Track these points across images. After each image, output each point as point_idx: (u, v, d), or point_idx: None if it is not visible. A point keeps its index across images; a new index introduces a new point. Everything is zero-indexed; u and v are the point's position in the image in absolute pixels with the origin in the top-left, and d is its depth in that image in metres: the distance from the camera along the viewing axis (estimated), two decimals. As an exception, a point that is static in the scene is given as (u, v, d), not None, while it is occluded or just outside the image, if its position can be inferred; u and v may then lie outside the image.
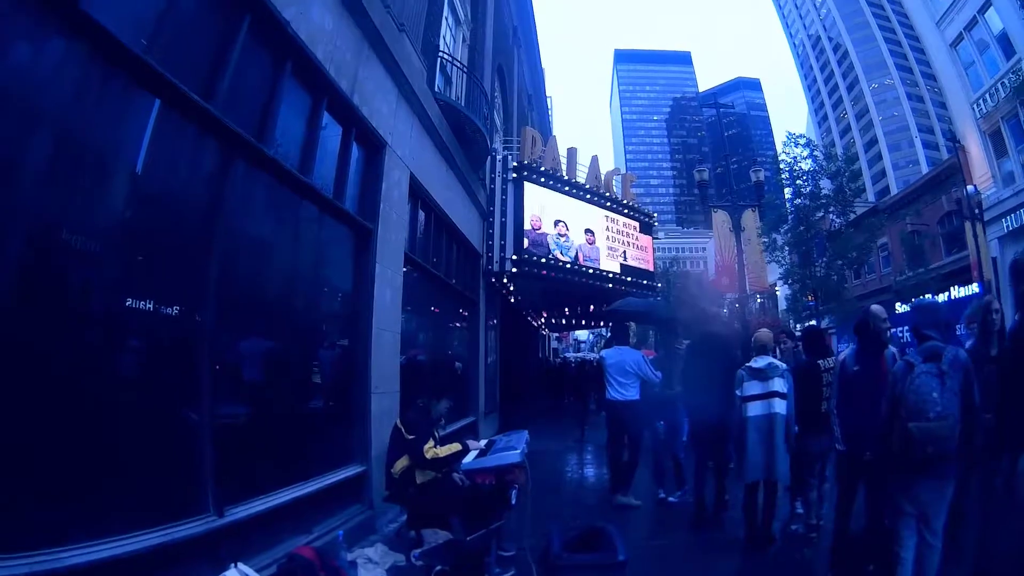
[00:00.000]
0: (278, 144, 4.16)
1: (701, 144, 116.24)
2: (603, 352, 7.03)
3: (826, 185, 22.83)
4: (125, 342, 2.86)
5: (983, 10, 19.28)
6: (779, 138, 25.24)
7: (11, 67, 2.28)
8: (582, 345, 46.56)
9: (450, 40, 10.61)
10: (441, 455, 3.93)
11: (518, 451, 4.16)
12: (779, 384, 4.68)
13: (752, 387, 4.74)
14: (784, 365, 4.90)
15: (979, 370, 3.40)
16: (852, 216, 23.62)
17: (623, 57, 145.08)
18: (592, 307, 16.56)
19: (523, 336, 16.75)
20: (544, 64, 25.14)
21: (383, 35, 5.64)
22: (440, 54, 8.95)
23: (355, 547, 4.14)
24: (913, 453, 2.97)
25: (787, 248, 23.60)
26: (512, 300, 13.37)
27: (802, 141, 23.16)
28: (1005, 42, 18.36)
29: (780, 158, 24.54)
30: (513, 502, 5.06)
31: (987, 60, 19.61)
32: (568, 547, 4.47)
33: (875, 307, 4.24)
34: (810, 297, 23.35)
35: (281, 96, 4.18)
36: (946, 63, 21.70)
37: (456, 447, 4.06)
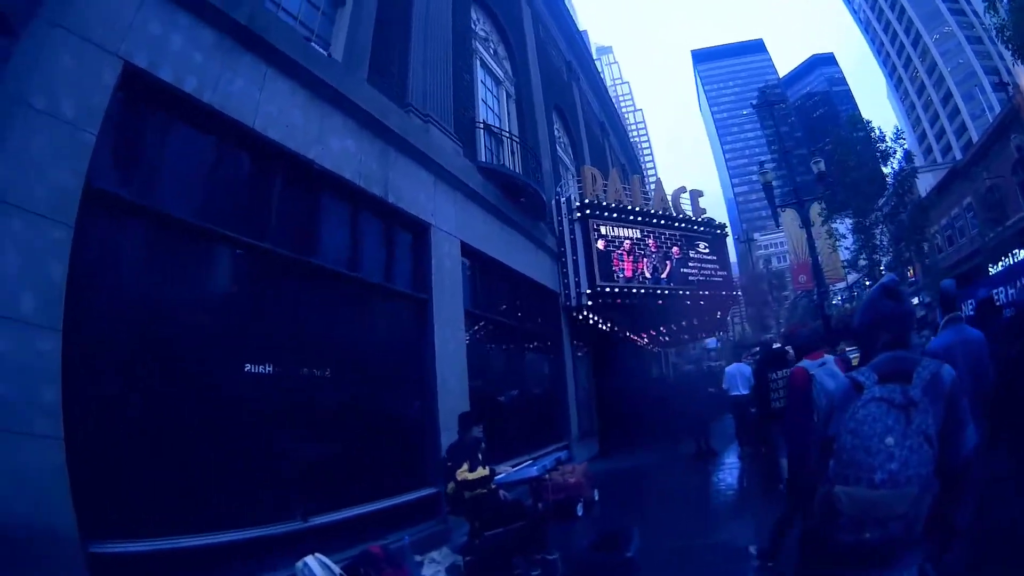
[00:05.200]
0: (325, 252, 5.48)
1: (793, 130, 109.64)
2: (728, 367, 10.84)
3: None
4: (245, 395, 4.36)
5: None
6: (865, 111, 23.92)
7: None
8: (711, 353, 44.14)
9: (492, 102, 11.59)
10: (470, 478, 4.54)
11: (536, 467, 5.08)
12: None
13: None
14: None
15: None
16: (913, 196, 22.00)
17: (700, 57, 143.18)
18: (686, 322, 16.60)
19: (625, 358, 17.15)
20: (628, 77, 25.63)
21: (406, 137, 6.80)
22: (477, 125, 10.03)
23: (428, 552, 5.17)
24: (838, 536, 1.69)
25: (850, 236, 22.63)
26: (603, 327, 13.86)
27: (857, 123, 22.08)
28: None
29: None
30: (579, 513, 6.50)
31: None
32: (595, 547, 4.79)
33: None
34: (912, 272, 22.24)
35: (319, 216, 5.53)
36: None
37: (484, 472, 4.66)
